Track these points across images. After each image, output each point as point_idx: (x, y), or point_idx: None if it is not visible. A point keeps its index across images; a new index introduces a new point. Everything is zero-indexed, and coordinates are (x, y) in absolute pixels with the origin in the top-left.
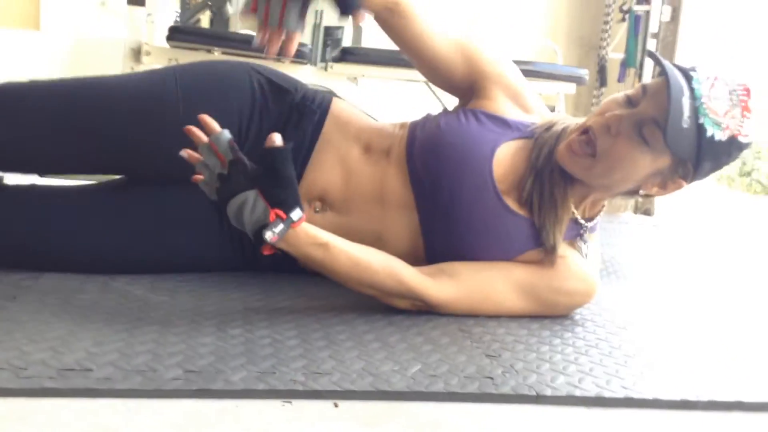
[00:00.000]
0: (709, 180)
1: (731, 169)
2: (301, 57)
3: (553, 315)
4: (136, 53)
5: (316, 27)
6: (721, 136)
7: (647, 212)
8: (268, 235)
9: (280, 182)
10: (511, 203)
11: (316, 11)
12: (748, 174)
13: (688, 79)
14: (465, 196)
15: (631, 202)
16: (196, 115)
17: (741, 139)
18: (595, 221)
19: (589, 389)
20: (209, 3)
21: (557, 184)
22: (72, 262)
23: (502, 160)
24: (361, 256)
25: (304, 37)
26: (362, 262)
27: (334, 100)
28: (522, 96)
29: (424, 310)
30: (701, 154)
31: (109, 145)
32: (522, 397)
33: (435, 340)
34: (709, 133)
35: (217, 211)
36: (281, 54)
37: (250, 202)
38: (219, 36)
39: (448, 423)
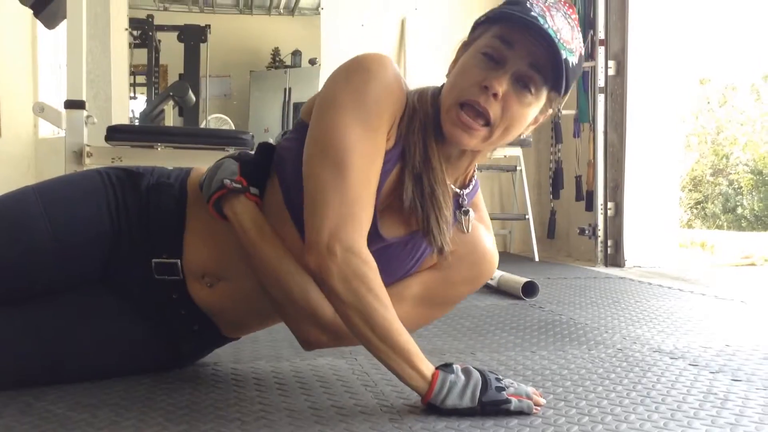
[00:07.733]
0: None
1: (715, 206)
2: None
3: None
4: (78, 155)
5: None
6: (574, 59)
7: (617, 263)
8: (227, 182)
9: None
10: (393, 231)
11: None
12: (733, 210)
13: (537, 19)
14: None
15: (600, 254)
16: (67, 230)
17: (582, 53)
18: (472, 184)
19: None
20: (171, 93)
21: (437, 178)
22: None
23: (385, 194)
24: (288, 253)
25: None
26: (288, 255)
27: (193, 169)
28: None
29: (323, 342)
30: (568, 82)
31: None
32: None
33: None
34: (569, 62)
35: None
36: None
37: (227, 167)
38: (158, 131)
39: None
